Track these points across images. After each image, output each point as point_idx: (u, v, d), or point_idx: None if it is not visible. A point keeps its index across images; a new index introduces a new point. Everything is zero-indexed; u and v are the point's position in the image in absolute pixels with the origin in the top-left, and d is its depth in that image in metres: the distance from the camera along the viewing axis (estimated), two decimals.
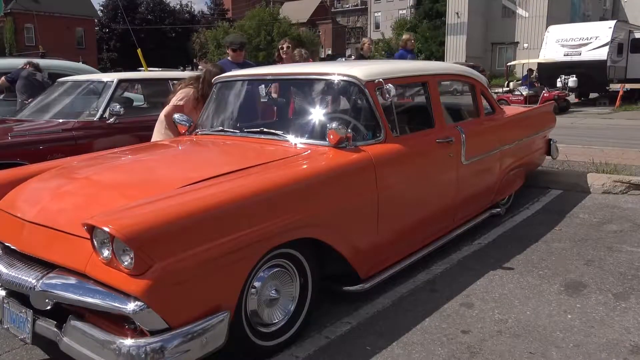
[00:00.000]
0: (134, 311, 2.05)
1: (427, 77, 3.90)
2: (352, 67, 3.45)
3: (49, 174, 3.08)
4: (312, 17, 65.16)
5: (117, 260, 2.11)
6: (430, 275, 3.61)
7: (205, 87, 4.67)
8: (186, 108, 4.66)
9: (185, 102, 4.69)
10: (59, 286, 2.25)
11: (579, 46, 19.34)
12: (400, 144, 3.35)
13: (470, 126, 4.19)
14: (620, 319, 2.97)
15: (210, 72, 4.73)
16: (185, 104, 4.68)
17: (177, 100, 4.70)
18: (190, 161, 3.37)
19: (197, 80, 4.78)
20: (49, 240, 2.42)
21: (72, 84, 5.97)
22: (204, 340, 2.21)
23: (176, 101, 4.70)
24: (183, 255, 2.15)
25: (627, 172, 6.05)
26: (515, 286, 3.42)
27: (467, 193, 4.04)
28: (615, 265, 3.73)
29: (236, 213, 2.38)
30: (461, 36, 33.93)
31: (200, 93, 4.70)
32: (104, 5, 49.46)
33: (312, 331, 2.86)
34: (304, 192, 2.71)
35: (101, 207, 2.37)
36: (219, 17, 57.86)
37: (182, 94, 4.74)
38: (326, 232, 2.80)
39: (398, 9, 52.13)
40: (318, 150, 3.11)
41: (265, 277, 2.60)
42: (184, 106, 4.67)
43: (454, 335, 2.82)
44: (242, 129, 3.66)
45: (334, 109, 3.61)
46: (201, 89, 4.71)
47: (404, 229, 3.43)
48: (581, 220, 4.82)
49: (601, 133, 11.13)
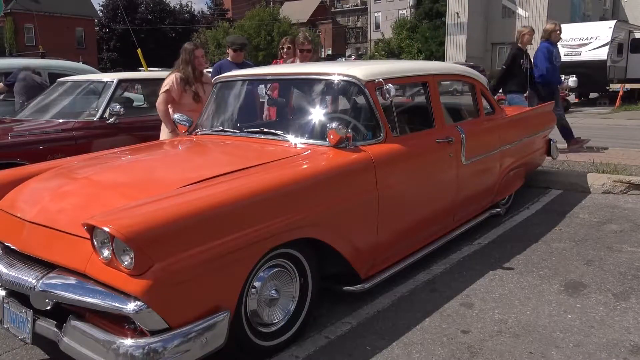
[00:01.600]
0: (134, 311, 2.05)
1: (427, 77, 3.90)
2: (352, 67, 3.45)
3: (49, 174, 3.08)
4: (312, 17, 65.20)
5: (117, 260, 2.11)
6: (430, 275, 3.61)
7: (184, 65, 4.83)
8: (174, 92, 4.77)
9: (170, 87, 4.78)
10: (59, 286, 2.25)
11: (579, 46, 19.33)
12: (400, 144, 3.35)
13: (470, 126, 4.19)
14: (620, 319, 2.97)
15: (185, 49, 4.91)
16: (171, 88, 4.77)
17: (163, 88, 4.81)
18: (190, 161, 3.37)
19: (178, 63, 4.90)
20: (49, 240, 2.42)
21: (72, 84, 5.97)
22: (204, 340, 2.21)
23: (163, 89, 4.80)
24: (183, 255, 2.15)
25: (627, 172, 6.05)
26: (516, 286, 3.42)
27: (467, 193, 4.04)
28: (616, 265, 3.73)
29: (236, 213, 2.38)
30: (461, 36, 33.89)
31: (183, 73, 4.81)
32: (104, 5, 49.46)
33: (312, 331, 2.86)
34: (304, 192, 2.71)
35: (101, 207, 2.37)
36: (219, 17, 57.88)
37: (167, 80, 4.84)
38: (326, 232, 2.80)
39: (398, 9, 52.12)
40: (318, 150, 3.11)
41: (265, 277, 2.59)
42: (171, 90, 4.77)
43: (454, 335, 2.82)
44: (242, 129, 3.66)
45: (334, 109, 3.61)
46: (182, 70, 4.83)
47: (404, 229, 3.43)
48: (581, 220, 4.82)
49: (601, 133, 11.12)
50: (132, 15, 44.71)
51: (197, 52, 4.90)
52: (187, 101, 4.78)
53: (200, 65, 4.90)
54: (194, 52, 4.87)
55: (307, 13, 64.83)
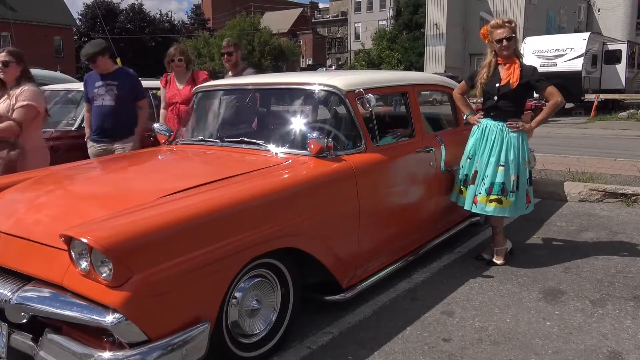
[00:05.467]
0: (112, 323, 2.02)
1: (407, 87, 3.94)
2: (332, 77, 3.47)
3: (26, 185, 3.03)
4: (293, 28, 65.47)
5: (96, 272, 2.08)
6: (411, 284, 3.62)
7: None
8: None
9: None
10: (35, 299, 2.21)
11: (554, 57, 19.75)
12: (381, 154, 3.37)
13: (449, 135, 4.24)
14: (598, 325, 3.01)
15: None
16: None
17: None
18: (170, 171, 3.34)
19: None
20: (25, 251, 2.37)
21: (50, 93, 5.88)
22: (184, 352, 2.18)
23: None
24: (162, 266, 2.13)
25: (602, 180, 6.17)
26: (495, 294, 3.45)
27: (447, 202, 4.08)
28: (592, 272, 3.79)
29: (216, 223, 2.37)
30: (440, 47, 34.34)
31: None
32: (83, 14, 48.99)
33: (294, 341, 2.85)
34: (284, 201, 2.71)
35: (79, 218, 2.34)
36: (199, 26, 57.72)
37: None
38: (307, 241, 2.80)
39: (378, 20, 52.66)
40: (299, 160, 3.12)
41: (246, 287, 2.58)
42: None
43: (435, 344, 2.83)
44: (223, 139, 3.65)
45: (315, 118, 3.62)
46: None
47: (385, 237, 3.44)
48: (558, 228, 4.90)
49: (577, 142, 11.33)
50: (111, 25, 44.30)
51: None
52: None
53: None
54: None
55: (287, 23, 65.08)
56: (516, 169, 3.74)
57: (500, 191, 3.72)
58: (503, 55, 3.76)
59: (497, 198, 3.73)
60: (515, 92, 3.73)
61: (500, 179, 3.72)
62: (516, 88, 3.71)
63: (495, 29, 3.75)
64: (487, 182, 3.76)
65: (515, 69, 3.73)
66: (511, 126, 3.75)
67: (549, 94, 3.73)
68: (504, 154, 3.74)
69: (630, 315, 3.12)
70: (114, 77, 4.67)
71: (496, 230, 3.99)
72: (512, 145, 3.74)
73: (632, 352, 2.72)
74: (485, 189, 3.76)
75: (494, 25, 3.78)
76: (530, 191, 3.89)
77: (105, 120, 4.64)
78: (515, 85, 3.70)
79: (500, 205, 3.74)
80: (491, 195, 3.74)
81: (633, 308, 3.22)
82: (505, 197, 3.73)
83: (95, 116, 4.70)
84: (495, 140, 3.77)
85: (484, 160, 3.79)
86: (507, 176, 3.73)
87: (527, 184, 3.84)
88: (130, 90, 4.69)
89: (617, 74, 20.73)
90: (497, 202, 3.73)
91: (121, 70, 4.83)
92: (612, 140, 11.94)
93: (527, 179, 3.84)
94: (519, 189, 3.77)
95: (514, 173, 3.73)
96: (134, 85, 4.76)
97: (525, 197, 3.83)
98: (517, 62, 3.76)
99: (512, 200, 3.74)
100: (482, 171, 3.80)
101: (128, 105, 4.68)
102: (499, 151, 3.75)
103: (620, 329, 2.96)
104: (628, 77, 20.91)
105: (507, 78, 3.73)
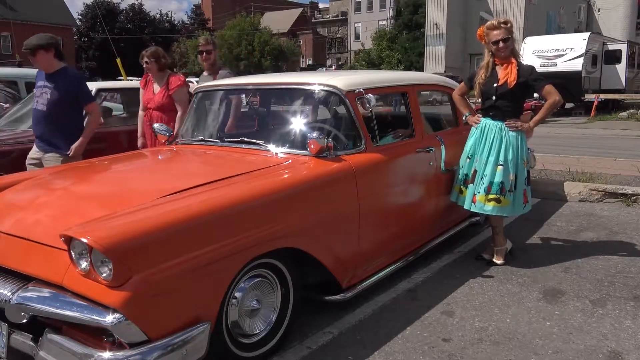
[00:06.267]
0: (112, 323, 2.02)
1: (407, 87, 3.94)
2: (332, 77, 3.47)
3: (26, 185, 3.03)
4: (293, 28, 65.43)
5: (96, 272, 2.08)
6: (411, 283, 3.62)
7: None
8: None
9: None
10: (35, 299, 2.20)
11: (554, 57, 19.74)
12: (381, 154, 3.37)
13: (449, 135, 4.24)
14: (598, 325, 3.01)
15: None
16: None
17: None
18: (170, 171, 3.35)
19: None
20: (25, 252, 2.37)
21: None
22: (184, 352, 2.18)
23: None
24: (162, 266, 2.13)
25: (602, 180, 6.17)
26: (495, 294, 3.45)
27: (447, 202, 4.08)
28: (592, 272, 3.79)
29: (216, 223, 2.37)
30: (440, 47, 34.35)
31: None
32: (83, 14, 49.04)
33: (294, 341, 2.85)
34: (284, 201, 2.71)
35: (79, 218, 2.34)
36: (199, 26, 57.74)
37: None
38: (307, 241, 2.80)
39: (378, 20, 52.68)
40: (299, 160, 3.12)
41: (246, 287, 2.58)
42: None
43: (436, 344, 2.83)
44: (223, 139, 3.65)
45: (315, 118, 3.62)
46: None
47: (385, 237, 3.44)
48: (558, 228, 4.90)
49: (577, 142, 11.34)
50: (111, 24, 44.37)
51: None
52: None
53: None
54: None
55: (287, 23, 65.06)
56: (515, 169, 3.74)
57: (499, 190, 3.73)
58: (500, 56, 3.77)
59: (496, 197, 3.73)
60: (513, 91, 3.73)
61: (499, 178, 3.73)
62: (514, 88, 3.71)
63: (491, 30, 3.76)
64: (486, 181, 3.76)
65: (513, 68, 3.73)
66: (510, 126, 3.75)
67: (546, 92, 3.73)
68: (503, 154, 3.74)
69: (630, 315, 3.12)
70: (53, 78, 4.12)
71: (496, 230, 3.99)
72: (511, 144, 3.74)
73: (632, 352, 2.72)
74: (484, 188, 3.76)
75: (489, 26, 3.78)
76: (528, 191, 3.89)
77: (37, 127, 4.21)
78: (512, 85, 3.70)
79: (499, 204, 3.74)
80: (490, 194, 3.75)
81: (633, 308, 3.22)
82: (504, 196, 3.73)
83: (32, 120, 4.27)
84: (494, 140, 3.77)
85: (483, 160, 3.79)
86: (506, 175, 3.73)
87: (524, 184, 3.84)
88: (66, 94, 4.08)
89: (617, 74, 20.73)
90: (496, 201, 3.74)
91: (62, 71, 4.16)
92: (612, 140, 11.94)
93: (525, 179, 3.85)
94: (516, 189, 3.77)
95: (513, 172, 3.74)
96: (73, 89, 4.12)
97: (522, 197, 3.83)
98: (514, 62, 3.76)
99: (511, 199, 3.75)
100: (481, 170, 3.80)
101: (64, 111, 4.09)
102: (497, 150, 3.75)
103: (620, 329, 2.96)
104: (628, 77, 20.91)
105: (504, 78, 3.73)
